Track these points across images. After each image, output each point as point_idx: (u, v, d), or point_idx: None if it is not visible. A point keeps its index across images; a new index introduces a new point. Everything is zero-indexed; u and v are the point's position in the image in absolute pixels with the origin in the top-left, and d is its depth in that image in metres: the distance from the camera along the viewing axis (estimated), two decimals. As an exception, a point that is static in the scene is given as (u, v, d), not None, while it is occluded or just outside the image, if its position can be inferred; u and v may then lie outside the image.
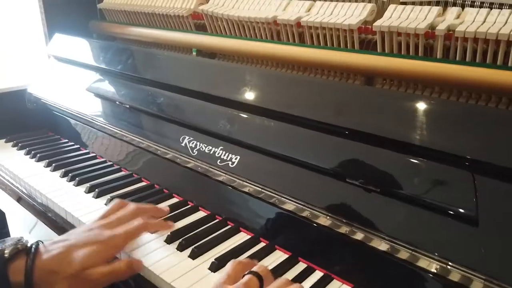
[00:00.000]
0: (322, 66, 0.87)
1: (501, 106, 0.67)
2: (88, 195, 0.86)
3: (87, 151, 1.08)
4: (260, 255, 0.67)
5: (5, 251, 0.56)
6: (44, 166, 0.99)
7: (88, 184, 0.88)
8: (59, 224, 0.81)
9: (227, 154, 0.78)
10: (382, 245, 0.58)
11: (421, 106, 0.62)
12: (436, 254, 0.53)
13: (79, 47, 1.24)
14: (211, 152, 0.80)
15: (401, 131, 0.61)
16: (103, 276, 0.58)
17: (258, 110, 0.78)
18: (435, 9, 0.72)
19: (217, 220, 0.77)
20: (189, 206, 0.81)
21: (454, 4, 0.74)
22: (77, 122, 1.14)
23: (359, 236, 0.60)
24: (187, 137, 0.85)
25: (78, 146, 1.11)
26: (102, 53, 1.13)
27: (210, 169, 0.80)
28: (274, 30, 0.93)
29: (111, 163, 1.00)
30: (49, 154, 1.05)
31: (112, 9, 1.32)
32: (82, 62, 1.19)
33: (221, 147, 0.79)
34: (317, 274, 0.63)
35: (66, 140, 1.15)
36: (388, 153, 0.61)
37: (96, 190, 0.86)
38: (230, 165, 0.76)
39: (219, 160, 0.78)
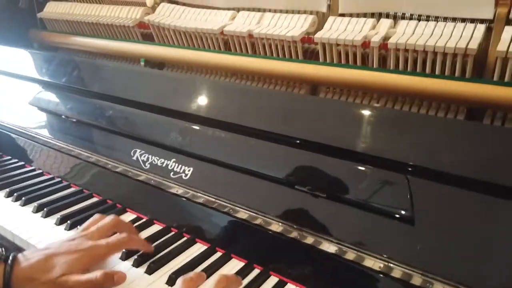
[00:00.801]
0: (269, 76, 0.90)
1: (431, 111, 0.73)
2: (36, 215, 0.83)
3: (32, 167, 1.04)
4: (217, 265, 0.68)
5: None
6: (-15, 187, 0.94)
7: (35, 204, 0.85)
8: (6, 248, 0.78)
9: (180, 166, 0.78)
10: (331, 248, 0.62)
11: (362, 114, 0.67)
12: (379, 253, 0.58)
13: (20, 59, 1.19)
14: (164, 165, 0.80)
15: (344, 139, 0.65)
16: (80, 285, 0.58)
17: (209, 122, 0.80)
18: (370, 21, 0.78)
19: (172, 232, 0.77)
20: (144, 220, 0.81)
21: (387, 16, 0.80)
22: (19, 137, 1.09)
23: (309, 240, 0.64)
24: (138, 150, 0.85)
25: (23, 163, 1.06)
26: (46, 65, 1.09)
27: (164, 181, 0.80)
28: (221, 40, 0.95)
29: (59, 179, 0.97)
30: (-9, 174, 1.00)
31: (54, 19, 1.27)
32: (24, 74, 1.14)
33: (174, 159, 0.80)
34: (273, 280, 0.65)
35: (9, 157, 1.10)
36: (333, 160, 0.65)
37: (45, 209, 0.83)
38: (183, 177, 0.77)
39: (172, 173, 0.78)
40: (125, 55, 1.12)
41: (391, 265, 0.57)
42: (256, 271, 0.67)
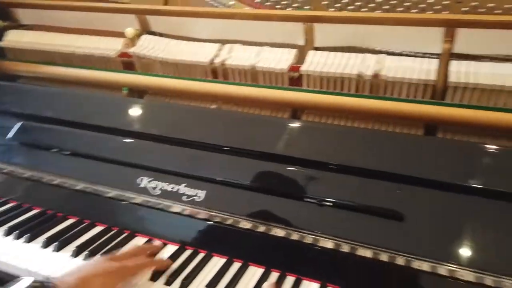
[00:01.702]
0: (256, 102, 1.01)
1: (398, 128, 0.90)
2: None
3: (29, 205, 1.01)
4: (239, 275, 0.78)
5: None
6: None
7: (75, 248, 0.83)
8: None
9: (192, 190, 0.86)
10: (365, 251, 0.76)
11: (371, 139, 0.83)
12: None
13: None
14: (174, 190, 0.87)
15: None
16: None
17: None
18: (344, 55, 0.93)
19: (189, 250, 0.84)
20: (157, 241, 0.87)
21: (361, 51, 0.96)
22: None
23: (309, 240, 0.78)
24: (145, 178, 0.90)
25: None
26: (30, 98, 1.09)
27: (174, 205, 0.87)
28: (209, 71, 1.04)
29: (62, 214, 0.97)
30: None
31: (19, 48, 1.25)
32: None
33: (185, 184, 0.87)
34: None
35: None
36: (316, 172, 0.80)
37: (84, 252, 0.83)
38: (196, 199, 0.85)
39: (185, 197, 0.86)
40: (108, 85, 1.14)
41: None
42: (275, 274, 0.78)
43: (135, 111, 1.03)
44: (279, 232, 0.80)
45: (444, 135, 0.86)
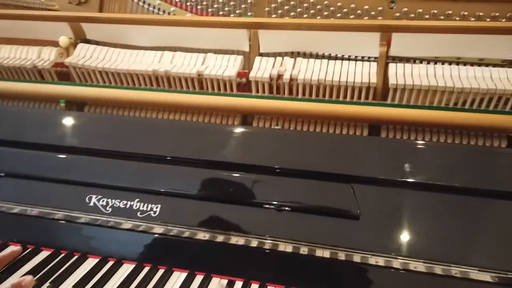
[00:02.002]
0: (206, 109, 1.00)
1: (341, 129, 0.94)
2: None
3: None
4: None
5: None
6: None
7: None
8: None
9: (146, 205, 0.83)
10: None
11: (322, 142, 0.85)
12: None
13: None
14: (128, 206, 0.84)
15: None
16: None
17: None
18: (290, 60, 0.95)
19: (146, 267, 0.82)
20: (111, 262, 0.83)
21: (298, 54, 0.99)
22: None
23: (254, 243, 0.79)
24: (94, 196, 0.86)
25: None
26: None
27: (128, 222, 0.84)
28: (154, 78, 1.01)
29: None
30: None
31: None
32: None
33: (138, 199, 0.84)
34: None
35: None
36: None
37: None
38: (152, 214, 0.83)
39: (139, 212, 0.83)
40: (43, 98, 1.06)
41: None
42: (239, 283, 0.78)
43: (75, 125, 0.97)
44: (238, 240, 0.80)
45: (387, 134, 0.92)
